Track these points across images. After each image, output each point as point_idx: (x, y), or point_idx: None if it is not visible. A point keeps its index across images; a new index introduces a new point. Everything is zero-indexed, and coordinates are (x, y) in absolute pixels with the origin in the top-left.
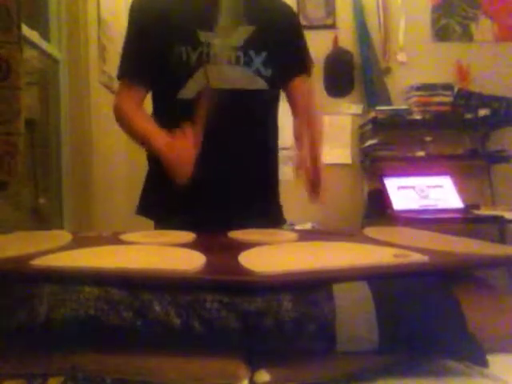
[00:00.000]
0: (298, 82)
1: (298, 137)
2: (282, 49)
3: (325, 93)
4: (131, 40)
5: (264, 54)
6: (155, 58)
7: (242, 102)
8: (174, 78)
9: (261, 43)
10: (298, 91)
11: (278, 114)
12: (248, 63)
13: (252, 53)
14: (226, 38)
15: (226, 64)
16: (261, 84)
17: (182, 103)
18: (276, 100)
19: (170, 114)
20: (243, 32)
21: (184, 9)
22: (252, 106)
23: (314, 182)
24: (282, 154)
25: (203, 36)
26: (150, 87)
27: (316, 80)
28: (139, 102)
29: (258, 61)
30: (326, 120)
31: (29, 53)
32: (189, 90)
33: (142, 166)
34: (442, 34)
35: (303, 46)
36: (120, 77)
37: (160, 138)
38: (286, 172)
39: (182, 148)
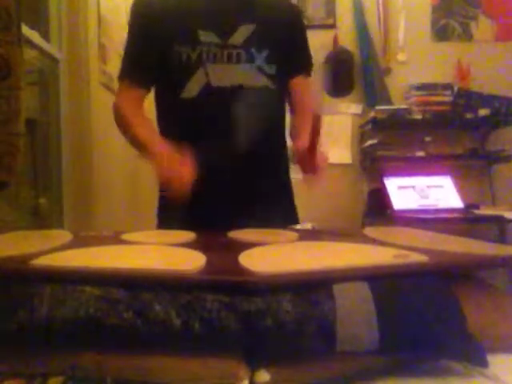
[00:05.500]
0: (298, 81)
1: (293, 134)
2: (284, 46)
3: (325, 93)
4: (132, 41)
5: (266, 51)
6: (156, 59)
7: (244, 99)
8: (174, 78)
9: (262, 41)
10: (297, 90)
11: (285, 112)
12: (250, 61)
13: (253, 50)
14: (226, 36)
15: (226, 62)
16: (263, 81)
17: (183, 103)
18: (282, 97)
19: (173, 114)
20: (244, 30)
21: (184, 8)
22: (256, 103)
23: (310, 169)
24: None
25: (203, 35)
26: (151, 87)
27: (316, 80)
28: (139, 103)
29: (260, 58)
30: (326, 120)
31: (29, 53)
32: (190, 90)
33: (142, 167)
34: (441, 33)
35: (305, 45)
36: (121, 77)
37: (159, 146)
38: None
39: (178, 173)
